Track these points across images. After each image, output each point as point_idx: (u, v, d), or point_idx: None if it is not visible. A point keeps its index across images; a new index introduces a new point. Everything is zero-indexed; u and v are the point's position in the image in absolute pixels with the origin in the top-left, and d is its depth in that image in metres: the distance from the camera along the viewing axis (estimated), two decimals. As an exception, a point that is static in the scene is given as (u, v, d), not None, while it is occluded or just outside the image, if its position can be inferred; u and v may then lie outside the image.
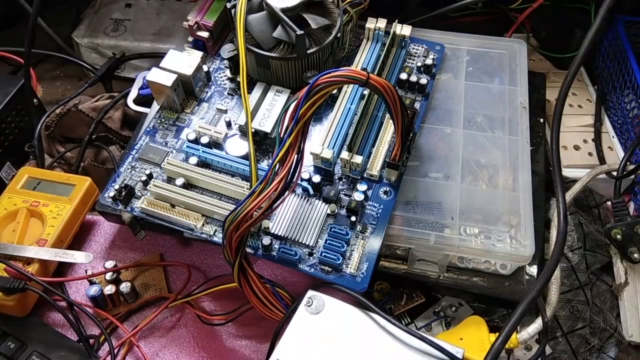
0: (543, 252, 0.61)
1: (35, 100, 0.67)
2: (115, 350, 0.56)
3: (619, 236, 0.62)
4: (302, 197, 0.54)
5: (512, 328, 0.45)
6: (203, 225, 0.53)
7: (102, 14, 0.82)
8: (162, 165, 0.56)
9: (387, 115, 0.58)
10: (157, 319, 0.59)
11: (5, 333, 0.55)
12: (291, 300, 0.55)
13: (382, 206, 0.54)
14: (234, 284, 0.49)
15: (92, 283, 0.59)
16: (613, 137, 0.73)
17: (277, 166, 0.46)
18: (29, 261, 0.57)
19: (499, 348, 0.44)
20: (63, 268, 0.63)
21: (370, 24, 0.63)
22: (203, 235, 0.53)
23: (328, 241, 0.52)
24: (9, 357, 0.54)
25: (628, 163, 0.66)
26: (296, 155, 0.46)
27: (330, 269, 0.51)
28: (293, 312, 0.51)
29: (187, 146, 0.56)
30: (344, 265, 0.51)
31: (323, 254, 0.51)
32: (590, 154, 0.71)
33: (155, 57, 0.77)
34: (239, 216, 0.45)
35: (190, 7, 0.79)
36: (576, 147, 0.71)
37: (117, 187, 0.55)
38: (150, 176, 0.56)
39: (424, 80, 0.61)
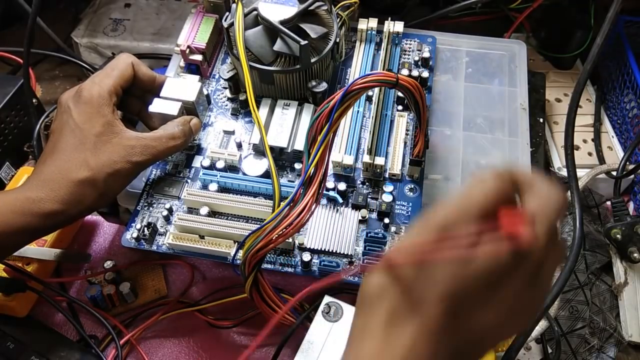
0: (543, 253, 0.61)
1: (34, 100, 0.67)
2: (116, 351, 0.56)
3: (618, 236, 0.62)
4: (329, 207, 0.54)
5: (527, 335, 0.47)
6: (237, 251, 0.51)
7: (101, 14, 0.82)
8: (181, 197, 0.55)
9: (397, 114, 0.59)
10: (158, 320, 0.59)
11: (5, 333, 0.55)
12: (299, 304, 0.55)
13: (410, 204, 0.54)
14: (244, 295, 0.48)
15: (91, 283, 0.59)
16: (613, 137, 0.73)
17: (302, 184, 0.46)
18: (28, 261, 0.58)
19: (512, 355, 0.45)
20: (62, 268, 0.63)
21: (362, 24, 0.63)
22: (238, 261, 0.49)
23: (367, 247, 0.52)
24: (8, 357, 0.54)
25: (628, 163, 0.66)
26: (323, 168, 0.46)
27: None
28: (305, 318, 0.51)
29: (203, 173, 0.55)
30: None
31: (365, 260, 0.51)
32: (589, 153, 0.71)
33: (155, 58, 0.77)
34: (263, 239, 0.44)
35: (189, 7, 0.79)
36: (576, 147, 0.71)
37: (138, 226, 0.54)
38: (170, 210, 0.55)
39: (425, 74, 0.62)
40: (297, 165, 0.57)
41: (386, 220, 0.53)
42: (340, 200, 0.54)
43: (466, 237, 0.27)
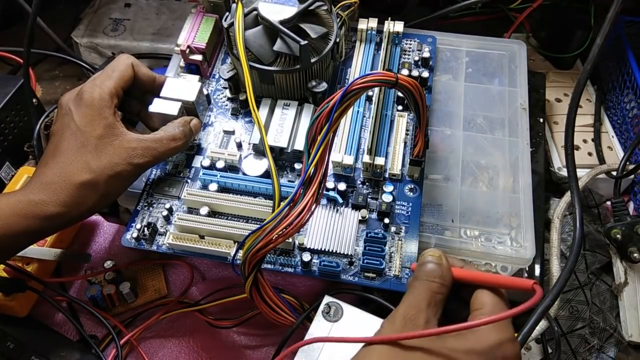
0: (543, 252, 0.61)
1: (34, 100, 0.67)
2: (116, 351, 0.56)
3: (618, 236, 0.62)
4: (329, 207, 0.54)
5: (527, 335, 0.48)
6: (237, 251, 0.51)
7: (102, 14, 0.82)
8: (181, 197, 0.55)
9: (397, 114, 0.59)
10: (158, 320, 0.59)
11: (5, 333, 0.55)
12: (299, 304, 0.55)
13: (410, 204, 0.54)
14: (243, 295, 0.48)
15: (91, 283, 0.59)
16: (613, 137, 0.73)
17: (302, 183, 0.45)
18: (28, 261, 0.58)
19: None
20: (62, 268, 0.63)
21: (362, 24, 0.63)
22: (238, 261, 0.48)
23: (367, 247, 0.51)
24: (8, 357, 0.54)
25: (628, 163, 0.66)
26: (323, 168, 0.45)
27: (374, 275, 0.51)
28: (305, 318, 0.51)
29: (203, 173, 0.55)
30: (387, 269, 0.51)
31: (365, 260, 0.51)
32: (590, 153, 0.71)
33: (155, 58, 0.77)
34: (263, 239, 0.44)
35: (189, 7, 0.79)
36: (576, 147, 0.71)
37: (138, 226, 0.54)
38: (170, 210, 0.55)
39: (425, 74, 0.62)
40: (297, 165, 0.57)
41: (386, 220, 0.53)
42: (340, 200, 0.54)
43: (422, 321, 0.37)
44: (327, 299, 0.50)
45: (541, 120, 0.71)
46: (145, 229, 0.53)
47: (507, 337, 0.36)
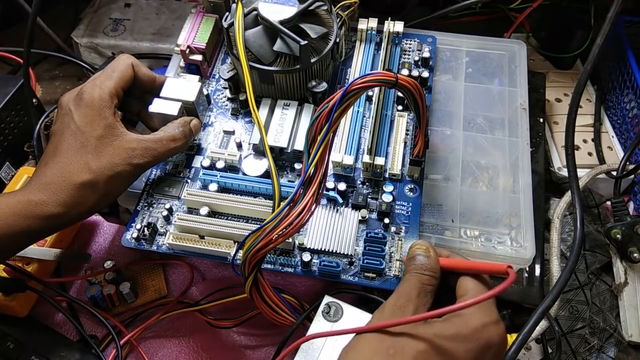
0: (543, 252, 0.61)
1: (34, 100, 0.67)
2: (116, 351, 0.56)
3: (618, 236, 0.62)
4: (329, 207, 0.54)
5: (527, 336, 0.47)
6: (237, 251, 0.51)
7: (102, 14, 0.82)
8: (181, 197, 0.55)
9: (397, 114, 0.59)
10: (158, 320, 0.59)
11: (5, 333, 0.55)
12: (299, 304, 0.55)
13: (410, 204, 0.54)
14: (243, 295, 0.48)
15: (91, 283, 0.59)
16: (613, 137, 0.73)
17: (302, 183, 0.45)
18: (28, 261, 0.58)
19: (512, 356, 0.45)
20: (62, 268, 0.63)
21: (362, 24, 0.63)
22: (238, 261, 0.48)
23: (367, 247, 0.51)
24: (8, 357, 0.54)
25: (628, 163, 0.66)
26: (323, 168, 0.45)
27: (374, 275, 0.51)
28: (305, 318, 0.51)
29: (203, 173, 0.55)
30: (387, 269, 0.51)
31: (365, 260, 0.50)
32: (590, 153, 0.71)
33: (155, 58, 0.77)
34: (263, 239, 0.44)
35: (189, 7, 0.79)
36: (576, 147, 0.71)
37: (138, 226, 0.54)
38: (170, 210, 0.54)
39: (425, 74, 0.62)
40: (297, 165, 0.57)
41: (386, 220, 0.53)
42: (340, 200, 0.54)
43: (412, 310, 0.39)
44: (327, 299, 0.50)
45: (541, 120, 0.71)
46: (145, 229, 0.53)
47: (491, 320, 0.38)
